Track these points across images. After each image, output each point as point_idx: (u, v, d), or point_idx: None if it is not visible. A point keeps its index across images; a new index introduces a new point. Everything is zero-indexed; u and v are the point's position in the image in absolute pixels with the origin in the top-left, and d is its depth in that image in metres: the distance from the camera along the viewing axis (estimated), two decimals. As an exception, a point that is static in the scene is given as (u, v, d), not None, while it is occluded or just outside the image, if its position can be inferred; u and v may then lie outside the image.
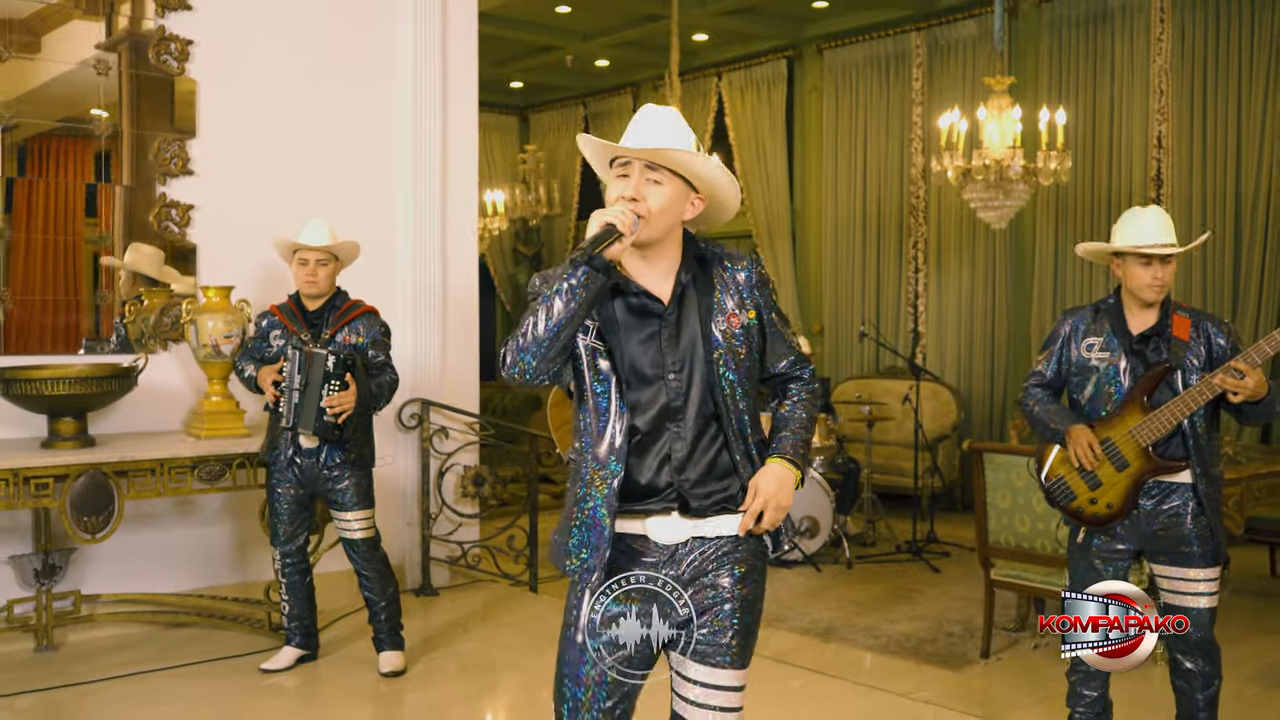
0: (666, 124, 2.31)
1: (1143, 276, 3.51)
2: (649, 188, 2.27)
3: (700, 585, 2.32)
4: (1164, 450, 3.45)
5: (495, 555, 6.16)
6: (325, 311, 4.69)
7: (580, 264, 2.17)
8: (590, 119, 12.75)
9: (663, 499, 2.29)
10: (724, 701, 2.33)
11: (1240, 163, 7.93)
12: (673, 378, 2.30)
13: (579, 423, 2.35)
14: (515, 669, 4.92)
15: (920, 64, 9.71)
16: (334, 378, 4.41)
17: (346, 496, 4.64)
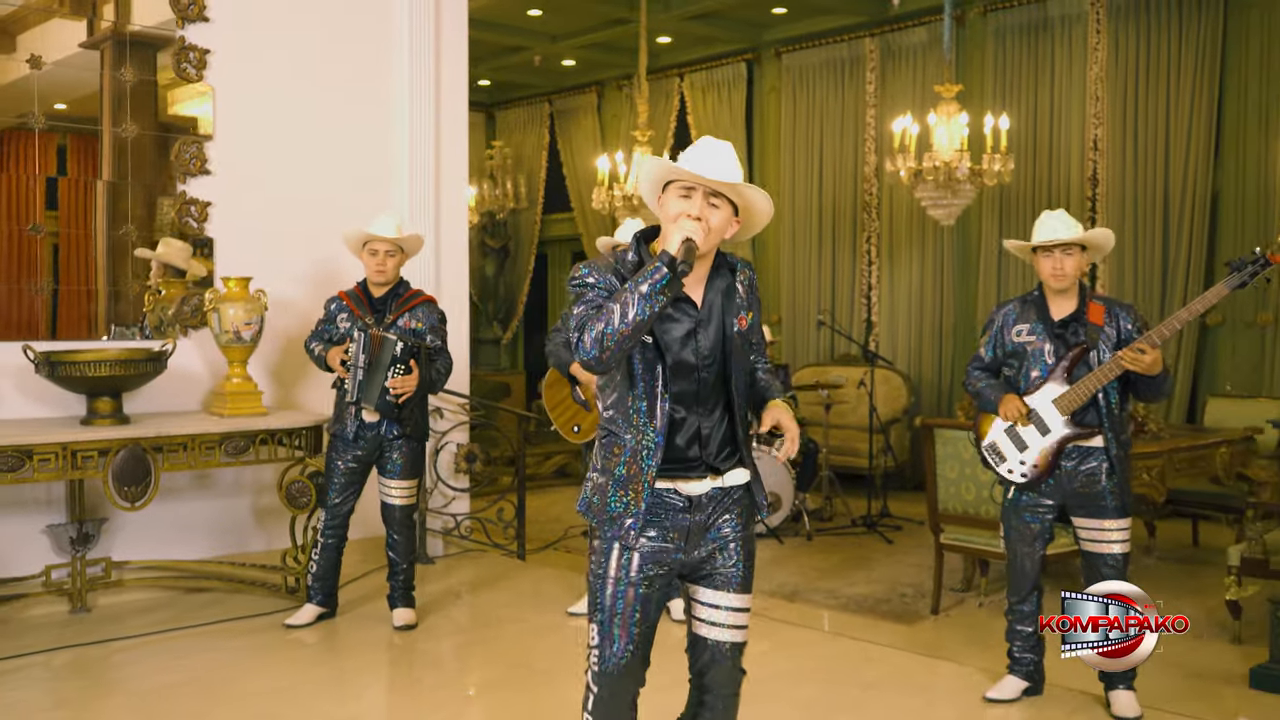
0: (729, 158, 2.71)
1: (1045, 266, 4.12)
2: (709, 210, 2.66)
3: (715, 526, 2.78)
4: (1081, 418, 4.05)
5: (486, 527, 6.66)
6: (389, 298, 5.18)
7: (666, 269, 2.53)
8: (555, 116, 13.21)
9: (695, 468, 2.74)
10: (736, 620, 2.81)
11: (1169, 164, 8.56)
12: (705, 370, 2.75)
13: (625, 404, 2.73)
14: (514, 622, 5.44)
15: (873, 68, 10.28)
16: (400, 362, 4.91)
17: (397, 465, 5.16)
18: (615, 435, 2.77)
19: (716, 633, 2.81)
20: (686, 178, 2.67)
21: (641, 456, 2.70)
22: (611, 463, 2.76)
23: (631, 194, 9.36)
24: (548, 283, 13.97)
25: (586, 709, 2.83)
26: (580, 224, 12.84)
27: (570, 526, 7.90)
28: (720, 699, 2.85)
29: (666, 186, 2.75)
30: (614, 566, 2.75)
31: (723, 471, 2.77)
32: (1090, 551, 4.12)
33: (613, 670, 2.76)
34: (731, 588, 2.80)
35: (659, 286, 2.54)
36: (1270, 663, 4.70)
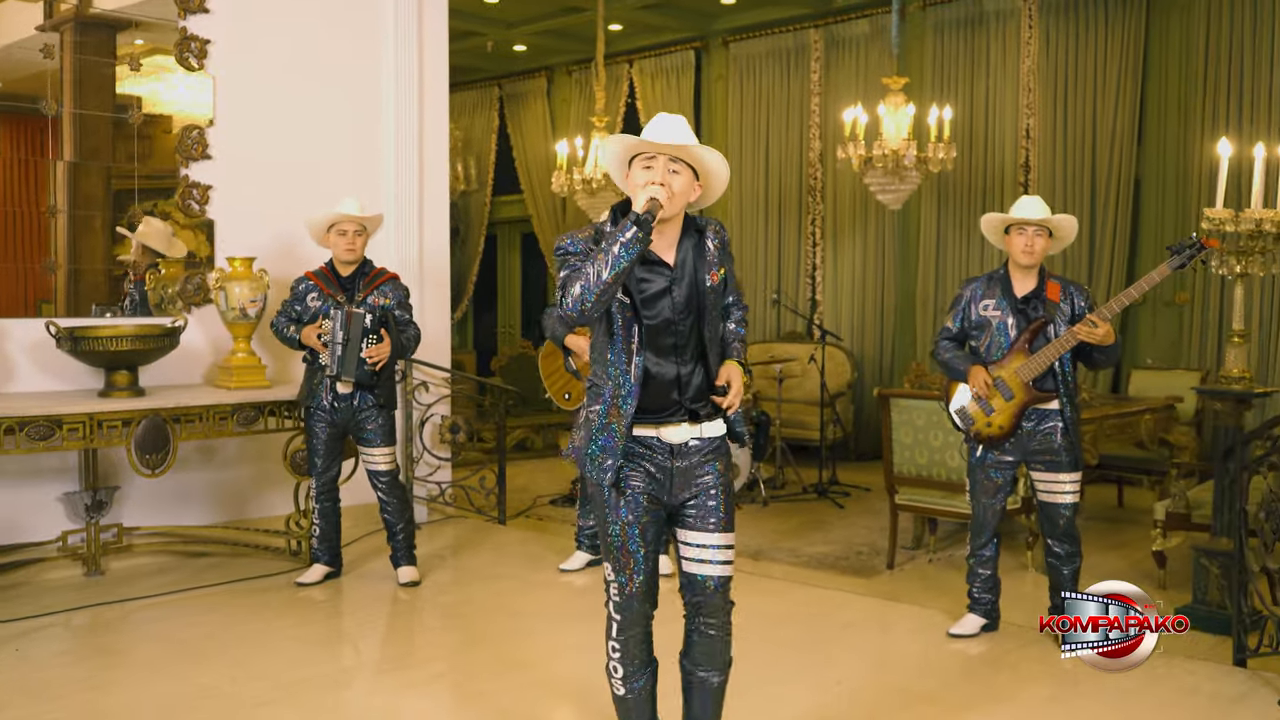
0: (681, 127, 3.04)
1: (1018, 243, 4.61)
2: (671, 176, 2.96)
3: (696, 474, 3.12)
4: (1040, 384, 4.56)
5: (469, 494, 7.04)
6: (356, 277, 5.51)
7: (635, 224, 2.84)
8: (505, 100, 13.50)
9: (674, 414, 3.08)
10: (722, 556, 3.16)
11: (1095, 151, 9.15)
12: (680, 323, 3.08)
13: (605, 355, 3.07)
14: (510, 578, 5.84)
15: (818, 58, 10.75)
16: (371, 332, 5.26)
17: (374, 434, 5.50)
18: (597, 386, 3.12)
19: (706, 569, 3.15)
20: (646, 148, 3.00)
21: (618, 403, 3.03)
22: (593, 410, 3.10)
23: (590, 178, 9.73)
24: (497, 263, 14.28)
25: (611, 636, 3.20)
26: (530, 206, 13.16)
27: (538, 496, 8.30)
28: (714, 627, 3.21)
29: (631, 163, 3.07)
30: (611, 507, 3.10)
31: (700, 418, 3.11)
32: (1046, 502, 4.65)
33: (630, 596, 3.14)
34: (716, 528, 3.14)
35: (629, 242, 2.85)
36: (1194, 603, 5.28)
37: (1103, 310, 4.43)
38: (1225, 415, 5.26)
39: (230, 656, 4.59)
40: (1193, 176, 8.76)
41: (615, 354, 3.05)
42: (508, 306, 14.23)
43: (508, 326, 14.17)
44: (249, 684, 4.28)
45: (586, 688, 4.19)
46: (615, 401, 3.05)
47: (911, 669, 4.54)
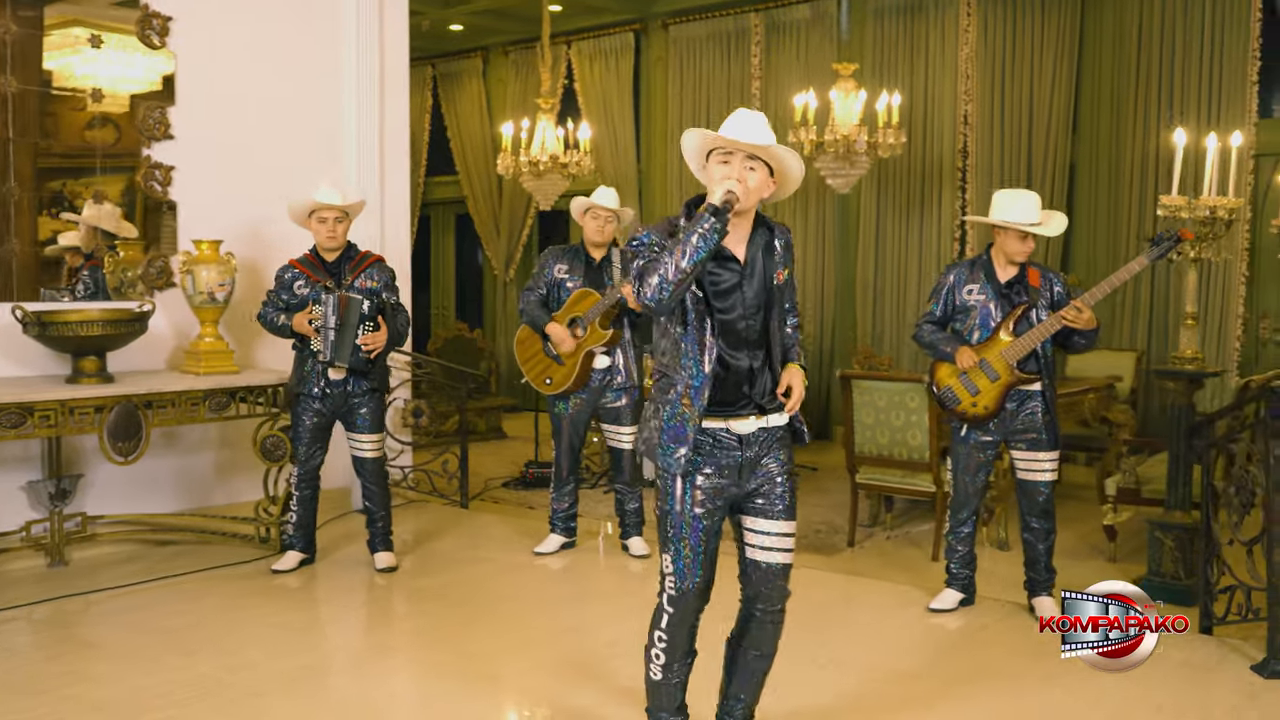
0: (761, 125, 3.11)
1: (1018, 246, 4.74)
2: (746, 172, 3.07)
3: (763, 463, 3.21)
4: (1024, 366, 4.72)
5: (431, 478, 7.03)
6: (342, 261, 5.45)
7: (712, 214, 2.92)
8: (439, 80, 13.36)
9: (744, 407, 3.17)
10: (785, 544, 3.26)
11: (1032, 139, 9.39)
12: (751, 317, 3.17)
13: (679, 347, 3.13)
14: (485, 562, 5.85)
15: (759, 42, 10.83)
16: (368, 319, 5.22)
17: (365, 420, 5.47)
18: (668, 377, 3.19)
19: (769, 556, 3.25)
20: (724, 144, 3.07)
21: (691, 395, 3.12)
22: (665, 401, 3.18)
23: (536, 159, 9.70)
24: (430, 245, 14.16)
25: (660, 627, 3.27)
26: (465, 187, 13.07)
27: (490, 479, 8.29)
28: (771, 614, 3.31)
29: (709, 156, 3.14)
30: (678, 499, 3.17)
31: (768, 411, 3.21)
32: (1025, 480, 4.82)
33: (686, 592, 3.21)
34: (781, 516, 3.24)
35: (709, 233, 2.93)
36: (1149, 575, 5.50)
37: (1086, 296, 4.60)
38: (1179, 395, 5.47)
39: (219, 646, 4.54)
40: (1125, 164, 9.04)
41: (689, 346, 3.12)
42: (442, 289, 14.13)
43: (442, 309, 14.07)
44: (243, 673, 4.24)
45: (596, 670, 4.26)
46: (688, 393, 3.12)
47: (896, 646, 4.67)
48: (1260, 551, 4.17)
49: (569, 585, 5.56)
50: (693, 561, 3.19)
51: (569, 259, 5.82)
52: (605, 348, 5.73)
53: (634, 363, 5.83)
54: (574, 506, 6.02)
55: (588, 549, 6.19)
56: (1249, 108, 8.47)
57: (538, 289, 5.81)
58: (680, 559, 3.20)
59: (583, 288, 5.71)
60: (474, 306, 13.84)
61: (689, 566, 3.20)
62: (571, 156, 9.36)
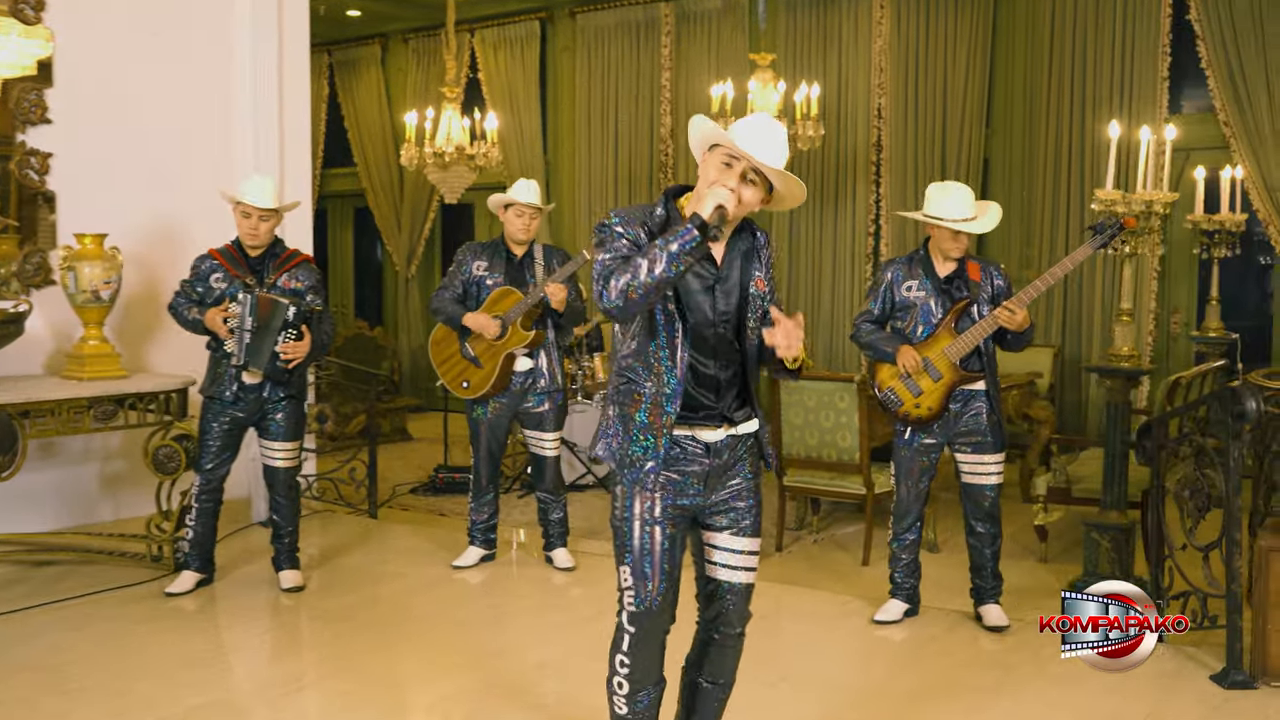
0: (779, 140, 2.84)
1: (951, 243, 4.55)
2: (745, 186, 2.80)
3: (729, 475, 2.97)
4: (967, 365, 4.53)
5: (338, 486, 6.62)
6: (266, 258, 5.03)
7: (697, 231, 2.69)
8: (335, 67, 12.86)
9: (712, 417, 2.93)
10: (749, 562, 3.03)
11: (946, 133, 9.31)
12: (721, 326, 2.93)
13: (646, 351, 2.88)
14: (398, 578, 5.49)
15: (669, 32, 10.57)
16: (292, 327, 4.82)
17: (281, 427, 5.07)
18: (635, 383, 2.93)
19: (733, 575, 3.02)
20: (735, 151, 2.81)
21: (661, 403, 2.87)
22: (631, 409, 2.92)
23: (442, 150, 9.31)
24: (328, 239, 13.63)
25: (621, 650, 2.99)
26: (364, 179, 12.61)
27: (396, 485, 7.90)
28: (731, 639, 3.07)
29: (712, 148, 2.89)
30: (639, 509, 2.92)
31: (736, 422, 2.98)
32: (970, 484, 4.64)
33: (648, 609, 2.94)
34: (747, 533, 3.01)
35: (688, 247, 2.71)
36: (1085, 576, 5.39)
37: (1020, 296, 4.44)
38: (1115, 392, 5.36)
39: (107, 685, 4.10)
40: (1039, 158, 9.00)
41: (658, 352, 2.88)
42: (340, 285, 13.60)
43: (340, 306, 13.53)
44: (135, 717, 3.83)
45: (525, 695, 3.96)
46: (659, 401, 2.88)
47: (845, 661, 4.46)
48: (1218, 557, 4.05)
49: (491, 602, 5.23)
50: (657, 575, 2.94)
51: (488, 255, 5.49)
52: (527, 349, 5.41)
53: (557, 365, 5.52)
54: (494, 517, 5.68)
55: (509, 561, 5.86)
56: (1160, 103, 8.49)
57: (453, 287, 5.46)
58: (642, 572, 2.94)
59: (504, 286, 5.39)
60: (373, 304, 13.37)
61: (653, 580, 2.94)
62: (479, 148, 9.00)
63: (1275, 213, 8.03)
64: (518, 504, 7.31)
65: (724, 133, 2.84)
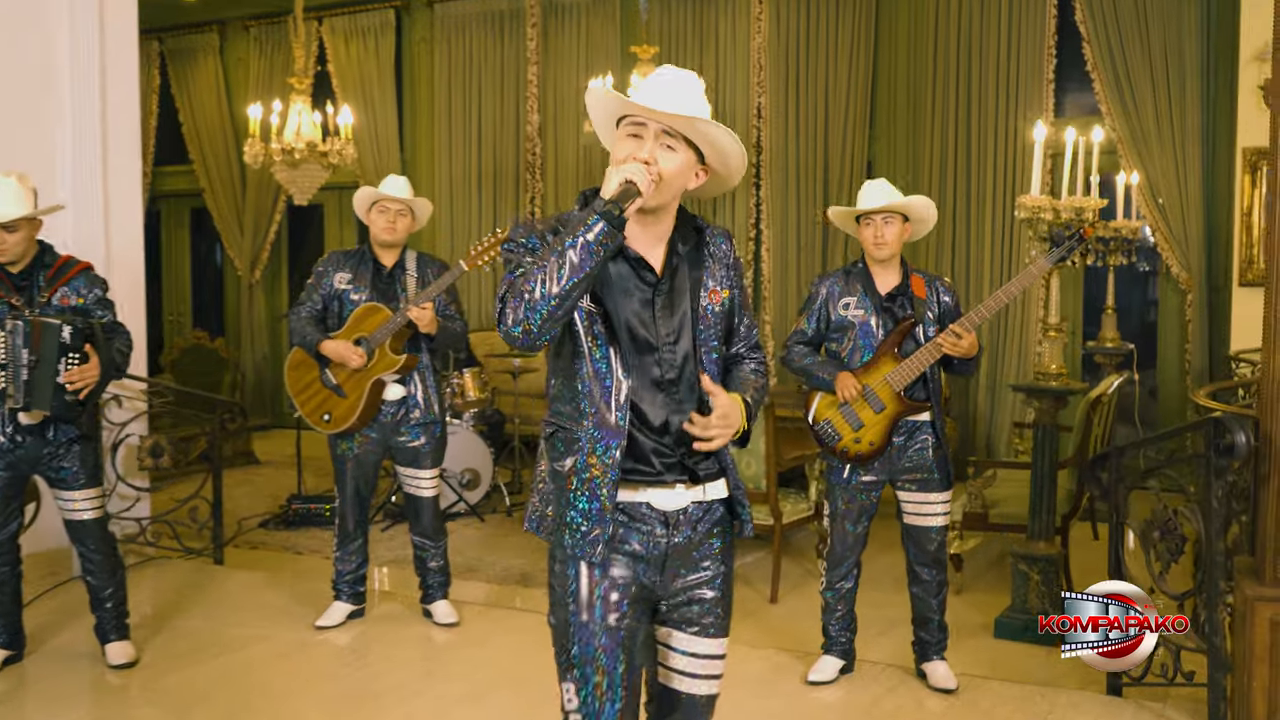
0: (690, 90, 2.30)
1: (866, 235, 4.09)
2: (662, 152, 2.26)
3: (694, 556, 2.39)
4: (911, 393, 4.03)
5: (176, 529, 5.78)
6: (34, 271, 4.17)
7: (602, 219, 2.15)
8: (167, 56, 11.83)
9: (669, 469, 2.33)
10: (714, 669, 2.44)
11: (828, 134, 8.93)
12: (667, 349, 2.34)
13: (573, 386, 2.32)
14: (256, 642, 4.71)
15: (535, 24, 9.95)
16: (71, 350, 3.97)
17: (75, 474, 4.22)
18: (566, 430, 2.35)
19: (692, 685, 2.43)
20: (634, 110, 2.28)
21: (600, 453, 2.29)
22: (565, 463, 2.33)
23: (291, 147, 8.47)
24: (161, 242, 12.54)
25: None
26: (202, 178, 11.61)
27: (243, 518, 7.09)
28: None
29: (619, 126, 2.33)
30: (584, 594, 2.32)
31: (701, 479, 2.39)
32: (914, 526, 4.14)
33: None
34: (712, 632, 2.43)
35: (595, 241, 2.17)
36: (1012, 611, 4.99)
37: (965, 321, 3.95)
38: (1043, 414, 4.98)
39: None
40: (924, 159, 8.69)
41: (590, 384, 2.31)
42: (176, 292, 12.53)
43: (176, 315, 12.48)
44: None
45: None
46: (593, 448, 2.28)
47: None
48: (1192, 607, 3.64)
49: (363, 670, 4.49)
50: (607, 691, 2.33)
51: (352, 266, 4.77)
52: (397, 375, 4.70)
53: (433, 393, 4.81)
54: (363, 567, 4.95)
55: (381, 617, 5.12)
56: (1046, 106, 8.26)
57: (311, 303, 4.73)
58: (588, 688, 2.33)
59: (369, 302, 4.67)
60: (214, 311, 12.34)
61: (602, 699, 2.33)
62: (332, 144, 8.21)
63: (1161, 219, 7.87)
64: (382, 538, 6.58)
65: (619, 95, 2.32)
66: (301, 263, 11.03)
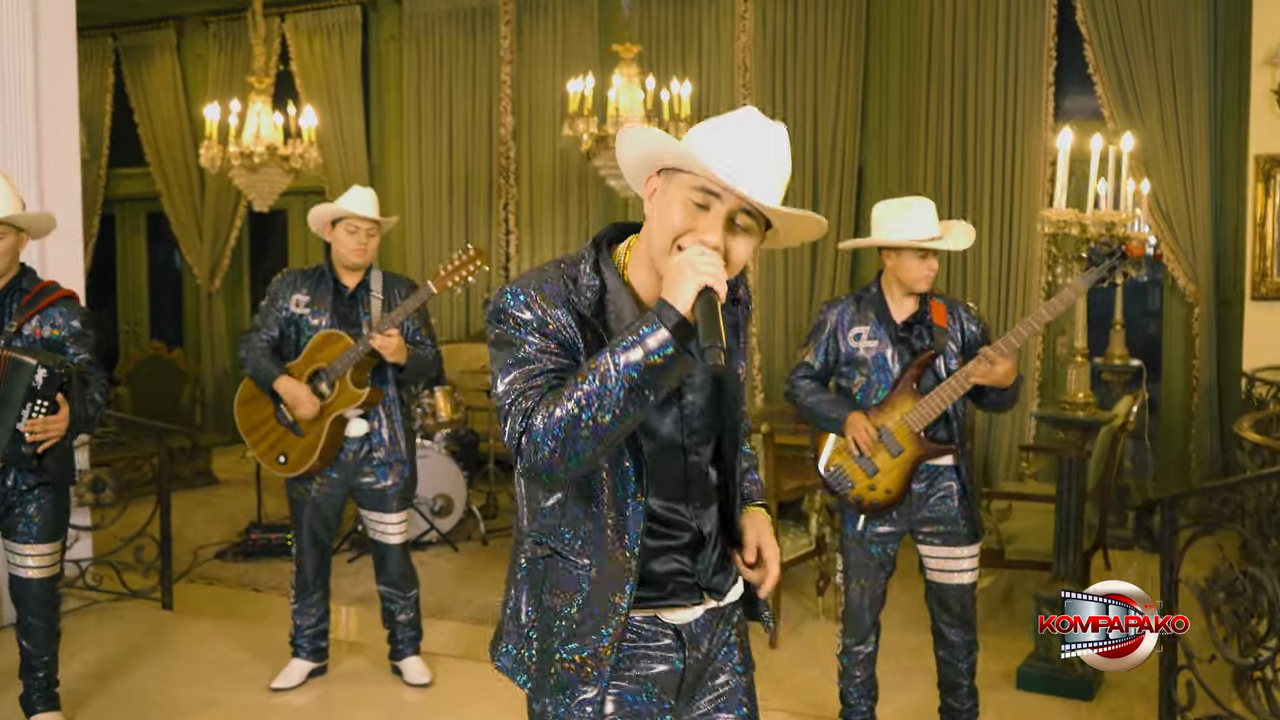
0: (783, 157, 1.82)
1: (919, 270, 3.60)
2: (737, 238, 1.76)
3: (711, 674, 1.98)
4: (933, 435, 3.60)
5: (120, 571, 5.29)
6: (8, 296, 3.69)
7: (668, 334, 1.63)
8: (122, 53, 11.30)
9: (685, 593, 1.91)
10: None
11: (818, 139, 8.53)
12: (693, 452, 1.90)
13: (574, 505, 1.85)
14: (206, 707, 4.23)
15: (509, 22, 9.52)
16: (41, 396, 3.47)
17: (33, 526, 3.72)
18: (561, 555, 1.88)
19: None
20: (714, 182, 1.74)
21: (610, 590, 1.84)
22: (558, 600, 1.88)
23: (250, 150, 7.97)
24: (116, 248, 12.01)
25: None
26: (159, 181, 11.10)
27: (199, 547, 6.62)
28: None
29: (664, 171, 1.83)
30: None
31: (723, 592, 1.97)
32: (939, 583, 3.69)
33: None
34: None
35: (660, 368, 1.65)
36: (1034, 660, 4.59)
37: (1000, 345, 3.49)
38: (1070, 446, 4.58)
39: None
40: (917, 165, 8.31)
41: (599, 503, 1.83)
42: (132, 300, 11.98)
43: (132, 324, 11.94)
44: None
45: None
46: (602, 587, 1.82)
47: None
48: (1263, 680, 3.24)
49: (325, 741, 4.04)
50: None
51: (310, 287, 4.27)
52: (361, 410, 4.23)
53: (400, 429, 4.32)
54: (324, 620, 4.46)
55: (344, 675, 4.62)
56: (1046, 111, 7.91)
57: (266, 328, 4.25)
58: None
59: (329, 329, 4.20)
60: (172, 321, 11.81)
61: None
62: (295, 147, 7.73)
63: (1167, 228, 7.52)
64: (348, 571, 6.12)
65: (686, 149, 1.76)
66: (264, 271, 10.50)
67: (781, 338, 8.67)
